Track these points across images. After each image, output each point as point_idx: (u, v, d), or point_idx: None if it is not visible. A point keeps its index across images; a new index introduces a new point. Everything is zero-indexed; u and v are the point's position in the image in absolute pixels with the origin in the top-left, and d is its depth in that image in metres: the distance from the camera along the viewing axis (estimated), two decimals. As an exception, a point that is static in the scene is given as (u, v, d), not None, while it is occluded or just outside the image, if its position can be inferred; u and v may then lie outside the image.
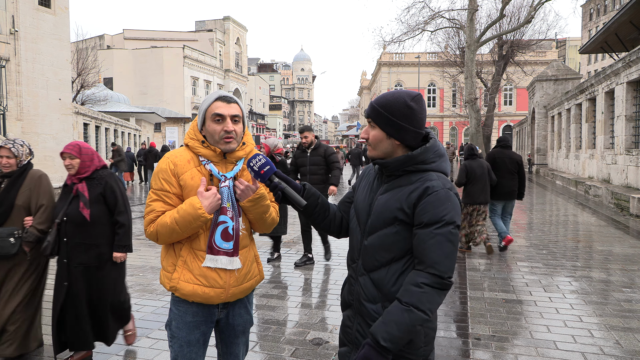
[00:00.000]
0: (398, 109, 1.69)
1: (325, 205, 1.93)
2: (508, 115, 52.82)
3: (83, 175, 3.42)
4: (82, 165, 3.41)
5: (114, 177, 3.55)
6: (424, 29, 25.81)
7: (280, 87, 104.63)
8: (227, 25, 55.52)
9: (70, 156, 3.38)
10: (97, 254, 3.44)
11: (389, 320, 1.57)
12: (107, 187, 3.46)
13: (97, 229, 3.42)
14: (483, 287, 5.55)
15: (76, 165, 3.40)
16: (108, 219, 3.49)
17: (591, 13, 60.99)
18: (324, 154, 6.40)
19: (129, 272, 6.18)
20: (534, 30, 35.04)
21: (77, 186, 3.41)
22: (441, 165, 1.74)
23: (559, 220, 10.76)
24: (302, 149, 6.52)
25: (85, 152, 3.45)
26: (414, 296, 1.57)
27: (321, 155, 6.40)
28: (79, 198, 3.37)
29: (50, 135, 17.67)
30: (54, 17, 17.73)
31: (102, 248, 3.46)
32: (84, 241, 3.39)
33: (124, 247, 3.55)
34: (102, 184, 3.45)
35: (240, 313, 2.26)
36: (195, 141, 2.12)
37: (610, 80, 14.88)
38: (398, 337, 1.56)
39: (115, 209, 3.49)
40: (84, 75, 29.06)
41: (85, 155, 3.43)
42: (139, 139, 33.52)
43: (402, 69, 54.09)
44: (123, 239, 3.52)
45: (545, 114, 26.20)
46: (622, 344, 3.94)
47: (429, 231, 1.61)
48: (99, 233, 3.43)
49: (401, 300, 1.58)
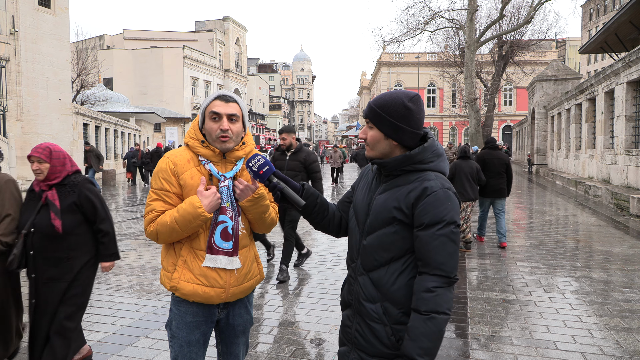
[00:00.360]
0: (396, 110, 1.69)
1: (325, 205, 1.93)
2: (508, 116, 52.84)
3: (53, 182, 3.09)
4: (52, 171, 3.08)
5: (89, 183, 3.23)
6: (424, 29, 25.83)
7: (280, 87, 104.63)
8: (227, 26, 55.54)
9: (39, 160, 3.05)
10: (70, 267, 3.10)
11: (417, 335, 1.58)
12: (82, 196, 3.13)
13: (69, 241, 3.09)
14: (483, 287, 5.55)
15: (45, 170, 3.06)
16: (84, 229, 3.18)
17: (591, 13, 61.01)
18: (304, 161, 5.84)
19: (129, 272, 6.19)
20: (534, 30, 35.15)
21: (47, 194, 3.07)
22: (439, 164, 1.74)
23: (558, 220, 10.76)
24: (282, 150, 6.00)
25: (57, 155, 3.11)
26: (430, 302, 1.58)
27: (301, 161, 5.83)
28: (49, 207, 3.04)
29: (50, 136, 17.67)
30: (54, 17, 17.73)
31: (75, 261, 3.12)
32: (55, 254, 3.06)
33: (111, 255, 3.31)
34: (76, 191, 3.12)
35: (240, 313, 2.26)
36: (195, 141, 2.13)
37: (610, 80, 14.88)
38: (431, 347, 1.58)
39: (96, 217, 3.20)
40: (84, 75, 29.08)
41: (56, 160, 3.10)
42: (139, 139, 33.54)
43: (402, 69, 54.11)
44: (109, 247, 3.27)
45: (545, 114, 26.20)
46: (622, 344, 3.94)
47: (431, 233, 1.61)
48: (71, 245, 3.10)
49: (420, 310, 1.59)
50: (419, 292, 1.61)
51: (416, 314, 1.60)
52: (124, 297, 5.19)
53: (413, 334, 1.58)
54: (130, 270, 6.30)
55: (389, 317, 1.70)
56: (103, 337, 4.08)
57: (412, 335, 1.59)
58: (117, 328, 4.28)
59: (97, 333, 4.16)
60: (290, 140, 5.86)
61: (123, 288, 5.51)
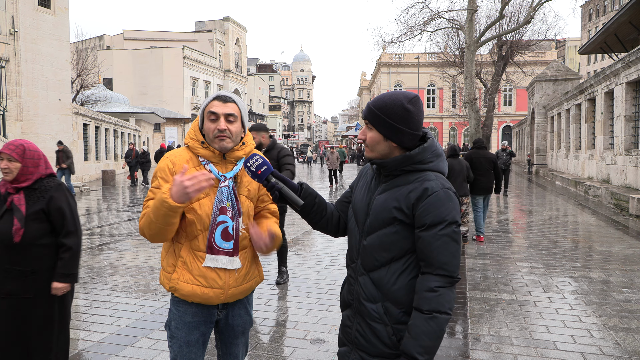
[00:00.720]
0: (395, 112, 1.70)
1: (323, 205, 1.93)
2: (508, 116, 52.85)
3: (22, 184, 2.74)
4: (22, 172, 2.73)
5: (62, 190, 2.86)
6: (424, 29, 25.81)
7: (280, 87, 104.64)
8: (227, 26, 55.53)
9: (10, 158, 2.70)
10: (33, 282, 2.72)
11: (418, 334, 1.59)
12: (52, 203, 2.76)
13: (33, 252, 2.71)
14: (482, 288, 5.55)
15: (15, 170, 2.71)
16: (51, 240, 2.80)
17: (590, 13, 61.03)
18: (277, 156, 5.53)
19: (129, 273, 6.18)
20: (534, 30, 35.16)
21: (13, 197, 2.72)
22: (439, 165, 1.75)
23: (558, 220, 10.76)
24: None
25: (30, 155, 2.76)
26: (433, 302, 1.60)
27: (274, 158, 5.52)
28: (13, 212, 2.69)
29: (50, 136, 17.68)
30: (54, 18, 17.73)
31: (40, 275, 2.74)
32: (15, 266, 2.69)
33: (68, 276, 2.79)
34: (46, 198, 2.76)
35: (239, 314, 2.26)
36: (195, 141, 2.13)
37: (610, 80, 14.89)
38: (431, 346, 1.60)
39: (63, 229, 2.80)
40: (84, 75, 29.09)
41: (29, 160, 2.75)
42: (139, 139, 33.53)
43: (402, 69, 54.12)
44: (68, 265, 2.78)
45: (545, 114, 26.21)
46: (622, 344, 3.94)
47: (433, 233, 1.63)
48: (35, 257, 2.72)
49: (422, 309, 1.61)
50: (422, 292, 1.62)
51: (418, 312, 1.61)
52: (124, 297, 5.19)
53: (414, 333, 1.60)
54: (130, 271, 6.30)
55: (390, 317, 1.70)
56: (103, 337, 4.09)
57: (413, 333, 1.60)
58: (117, 328, 4.29)
59: (96, 333, 4.17)
60: (259, 139, 5.49)
61: (123, 288, 5.52)
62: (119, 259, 7.03)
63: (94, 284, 5.70)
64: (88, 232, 9.57)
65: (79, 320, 4.50)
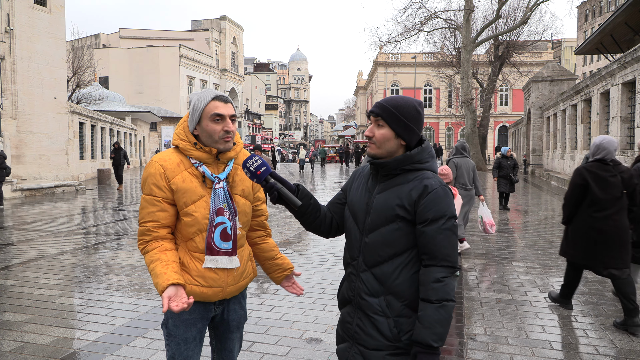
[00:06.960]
0: (409, 112, 1.82)
1: (317, 206, 1.98)
2: (504, 116, 53.01)
3: None
4: None
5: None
6: (420, 29, 25.86)
7: (277, 86, 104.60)
8: (224, 25, 55.46)
9: None
10: None
11: (430, 323, 1.69)
12: None
13: None
14: (478, 287, 5.56)
15: None
16: None
17: (587, 14, 61.27)
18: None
19: (125, 272, 6.17)
20: (530, 31, 35.20)
21: None
22: (433, 165, 1.89)
23: (554, 220, 10.80)
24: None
25: None
26: (441, 291, 1.70)
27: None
28: None
29: (45, 134, 17.60)
30: (50, 16, 17.65)
31: None
32: None
33: None
34: None
35: (234, 309, 2.27)
36: (187, 143, 2.08)
37: (606, 81, 14.95)
38: (443, 332, 1.70)
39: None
40: (80, 74, 28.97)
41: None
42: (135, 138, 33.45)
43: (399, 69, 54.19)
44: None
45: (541, 114, 26.29)
46: (617, 344, 3.96)
47: (436, 227, 1.73)
48: None
49: (431, 299, 1.71)
50: (429, 283, 1.72)
51: (427, 303, 1.71)
52: (120, 296, 5.17)
53: (427, 322, 1.69)
54: (126, 270, 6.28)
55: (391, 310, 1.78)
56: (98, 336, 4.07)
57: (425, 323, 1.69)
58: (113, 327, 4.27)
59: (92, 332, 4.15)
60: None
61: (119, 287, 5.50)
62: (115, 258, 7.00)
63: (90, 283, 5.67)
64: (84, 231, 9.54)
65: (74, 320, 4.48)
